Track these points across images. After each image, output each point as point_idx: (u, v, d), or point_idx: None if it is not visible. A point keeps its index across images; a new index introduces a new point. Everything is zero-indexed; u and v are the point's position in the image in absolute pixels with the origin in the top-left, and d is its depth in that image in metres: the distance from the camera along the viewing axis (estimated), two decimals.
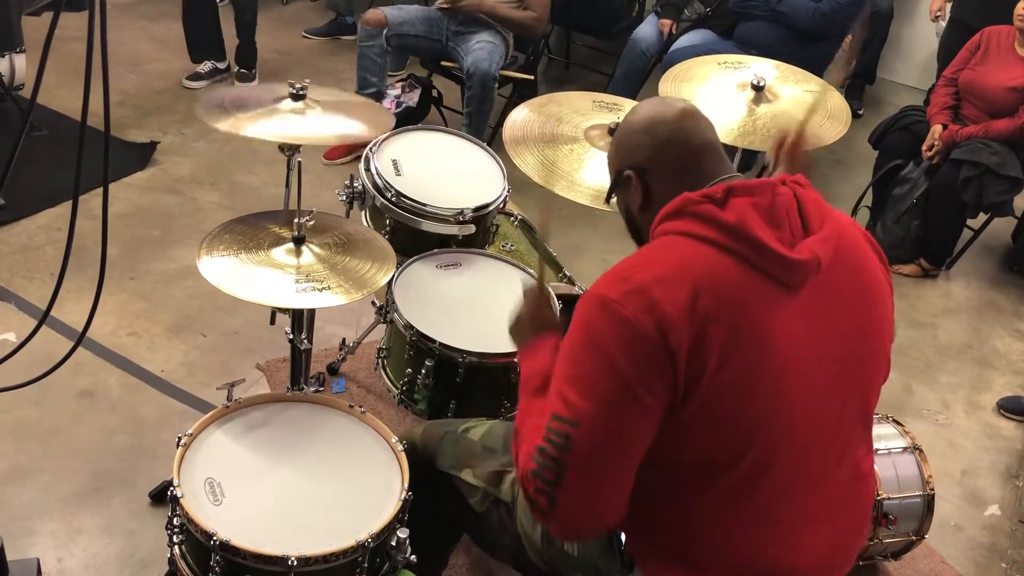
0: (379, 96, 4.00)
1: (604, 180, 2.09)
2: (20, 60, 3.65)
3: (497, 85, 3.92)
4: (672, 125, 1.45)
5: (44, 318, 1.52)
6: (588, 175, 2.12)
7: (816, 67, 4.09)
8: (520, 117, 2.25)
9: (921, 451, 2.32)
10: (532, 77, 4.23)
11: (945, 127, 3.70)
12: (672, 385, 1.29)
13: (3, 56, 3.58)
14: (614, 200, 1.59)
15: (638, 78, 4.47)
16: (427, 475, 1.76)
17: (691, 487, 1.38)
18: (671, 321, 1.27)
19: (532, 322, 1.64)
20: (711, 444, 1.34)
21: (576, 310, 1.36)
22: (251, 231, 1.96)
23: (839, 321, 1.40)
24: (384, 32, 3.89)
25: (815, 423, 1.38)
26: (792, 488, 1.39)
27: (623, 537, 1.48)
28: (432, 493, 1.77)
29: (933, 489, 2.28)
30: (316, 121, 1.92)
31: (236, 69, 4.43)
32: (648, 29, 4.45)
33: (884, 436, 2.33)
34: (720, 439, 1.34)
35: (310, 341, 2.15)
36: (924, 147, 3.74)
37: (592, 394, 1.30)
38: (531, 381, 1.51)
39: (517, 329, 1.66)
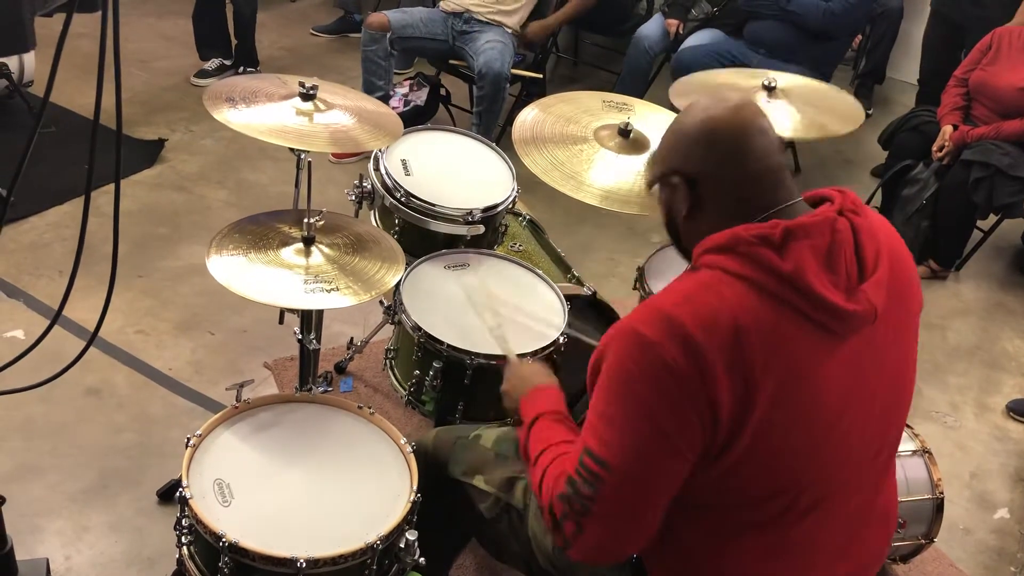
0: (386, 99, 4.00)
1: (613, 180, 2.10)
2: (29, 57, 3.66)
3: (508, 84, 3.92)
4: (736, 142, 1.35)
5: (56, 318, 1.52)
6: (597, 175, 2.11)
7: (825, 66, 4.09)
8: (529, 117, 2.24)
9: (930, 454, 2.31)
10: (541, 75, 4.23)
11: (956, 128, 3.69)
12: (712, 433, 1.26)
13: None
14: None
15: (644, 76, 4.46)
16: (437, 481, 1.76)
17: (722, 524, 1.36)
18: (716, 372, 1.23)
19: (522, 383, 1.67)
20: (744, 491, 1.33)
21: (612, 341, 1.32)
22: (260, 230, 1.95)
23: (886, 365, 1.37)
24: (387, 35, 3.88)
25: (853, 468, 1.38)
26: (819, 526, 1.38)
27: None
28: (441, 499, 1.77)
29: (942, 492, 2.27)
30: (325, 125, 1.91)
31: (240, 68, 4.43)
32: (652, 27, 4.44)
33: None
34: (754, 487, 1.32)
35: (319, 341, 2.15)
36: (934, 148, 3.73)
37: (626, 436, 1.28)
38: (542, 417, 1.52)
39: (510, 399, 1.69)
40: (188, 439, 1.72)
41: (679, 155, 1.40)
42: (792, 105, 2.45)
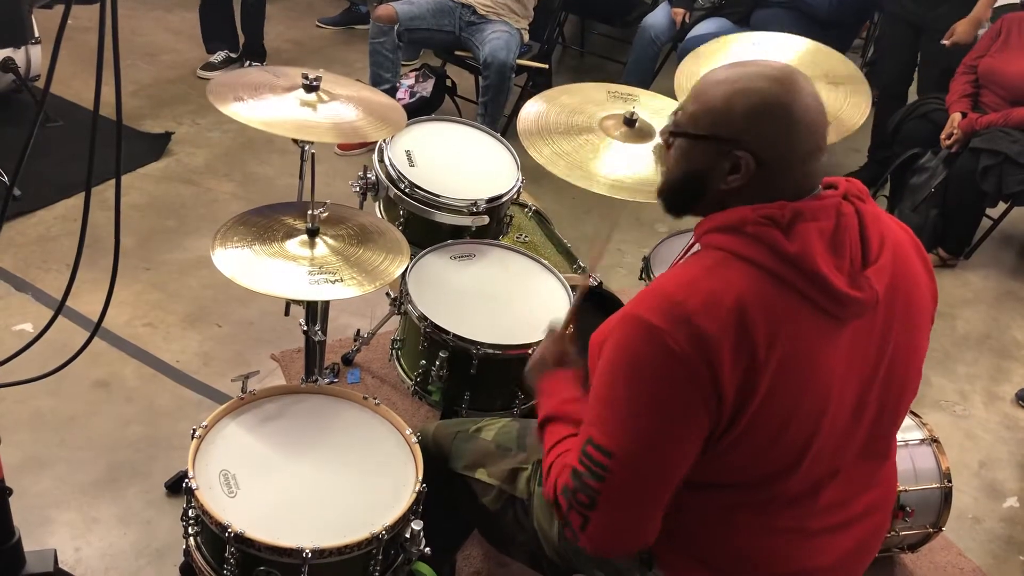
0: (393, 91, 4.00)
1: (618, 171, 2.09)
2: (36, 51, 3.67)
3: (514, 75, 3.91)
4: (799, 134, 1.28)
5: (59, 309, 1.52)
6: (603, 165, 2.10)
7: None
8: (534, 110, 2.23)
9: (938, 443, 2.30)
10: (547, 66, 4.22)
11: (964, 115, 3.66)
12: (717, 419, 1.26)
13: (19, 48, 3.59)
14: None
15: (650, 66, 4.44)
16: (438, 475, 1.76)
17: (718, 503, 1.37)
18: (721, 356, 1.22)
19: (553, 362, 1.63)
20: (745, 469, 1.33)
21: (615, 328, 1.30)
22: (265, 223, 1.96)
23: (887, 352, 1.37)
24: (395, 28, 3.88)
25: (846, 445, 1.38)
26: (819, 500, 1.39)
27: None
28: (443, 492, 1.77)
29: (951, 481, 2.26)
30: (328, 116, 1.91)
31: (246, 63, 4.43)
32: (659, 16, 4.42)
33: (901, 428, 2.30)
34: (751, 466, 1.33)
35: (324, 332, 2.15)
36: (943, 136, 3.70)
37: (630, 424, 1.27)
38: (558, 411, 1.50)
39: (537, 367, 1.64)
40: (194, 430, 1.72)
41: (719, 118, 1.30)
42: None
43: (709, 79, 1.35)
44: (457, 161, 2.45)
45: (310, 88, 1.92)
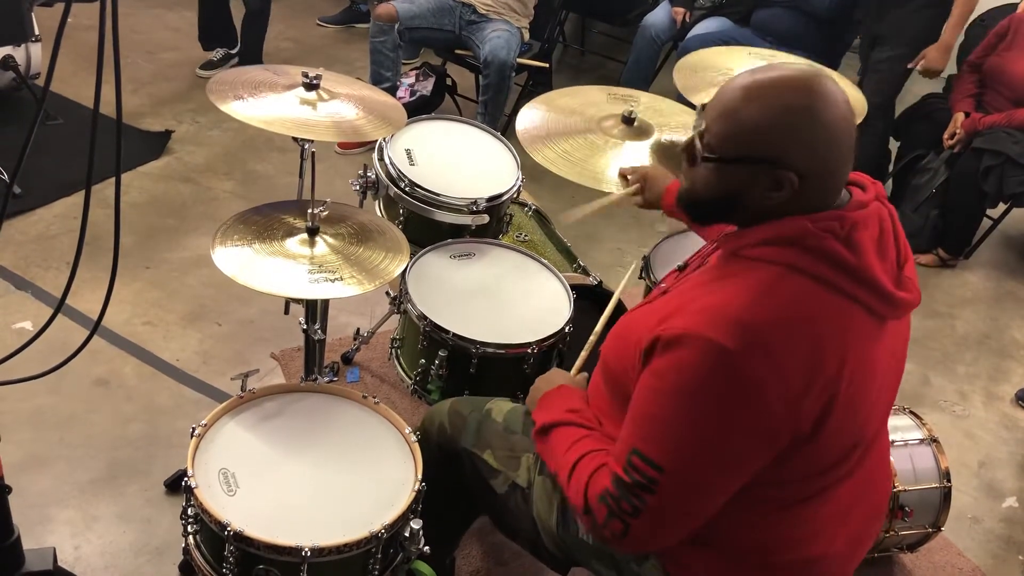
0: (393, 90, 3.99)
1: (616, 168, 2.09)
2: (36, 49, 3.67)
3: (514, 74, 3.91)
4: (836, 139, 1.25)
5: (59, 307, 1.52)
6: (603, 164, 2.10)
7: (833, 54, 4.06)
8: (532, 116, 2.23)
9: (938, 443, 2.30)
10: (547, 65, 4.22)
11: (968, 115, 3.65)
12: (791, 439, 1.25)
13: (19, 46, 3.59)
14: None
15: (650, 65, 4.44)
16: (450, 452, 1.76)
17: (746, 498, 1.35)
18: (798, 379, 1.21)
19: (548, 383, 1.65)
20: (788, 472, 1.32)
21: (679, 346, 1.24)
22: (265, 221, 1.96)
23: (900, 339, 1.41)
24: (396, 26, 3.88)
25: (868, 443, 1.42)
26: (834, 488, 1.40)
27: None
28: (454, 472, 1.77)
29: (950, 481, 2.26)
30: (329, 114, 1.90)
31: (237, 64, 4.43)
32: (659, 15, 4.42)
33: (901, 428, 2.32)
34: (799, 468, 1.33)
35: (324, 331, 2.15)
36: (946, 135, 3.70)
37: (688, 446, 1.25)
38: (564, 418, 1.51)
39: (535, 393, 1.67)
40: (193, 429, 1.72)
41: (792, 148, 1.24)
42: None
43: (733, 92, 1.27)
44: (457, 160, 2.45)
45: (310, 86, 1.92)
